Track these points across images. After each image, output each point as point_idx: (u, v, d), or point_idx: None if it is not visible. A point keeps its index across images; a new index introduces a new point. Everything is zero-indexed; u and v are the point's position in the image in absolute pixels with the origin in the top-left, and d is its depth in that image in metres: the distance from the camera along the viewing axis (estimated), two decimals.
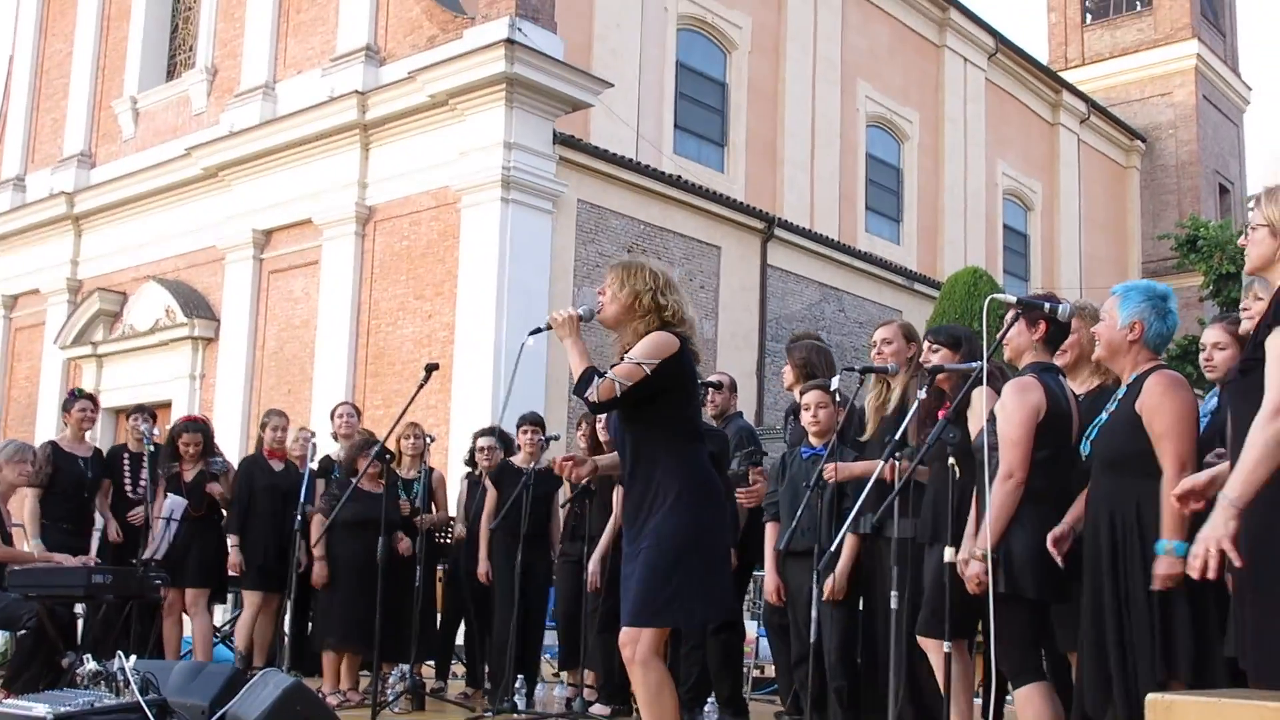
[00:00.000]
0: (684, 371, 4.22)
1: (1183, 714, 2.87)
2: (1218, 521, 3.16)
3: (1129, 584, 3.86)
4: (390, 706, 7.16)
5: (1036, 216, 29.05)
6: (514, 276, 15.77)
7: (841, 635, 5.49)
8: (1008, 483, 4.23)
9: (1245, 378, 3.36)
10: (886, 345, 5.61)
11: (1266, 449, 3.13)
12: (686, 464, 4.22)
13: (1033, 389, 4.33)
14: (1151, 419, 3.91)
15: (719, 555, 4.24)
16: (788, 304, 20.03)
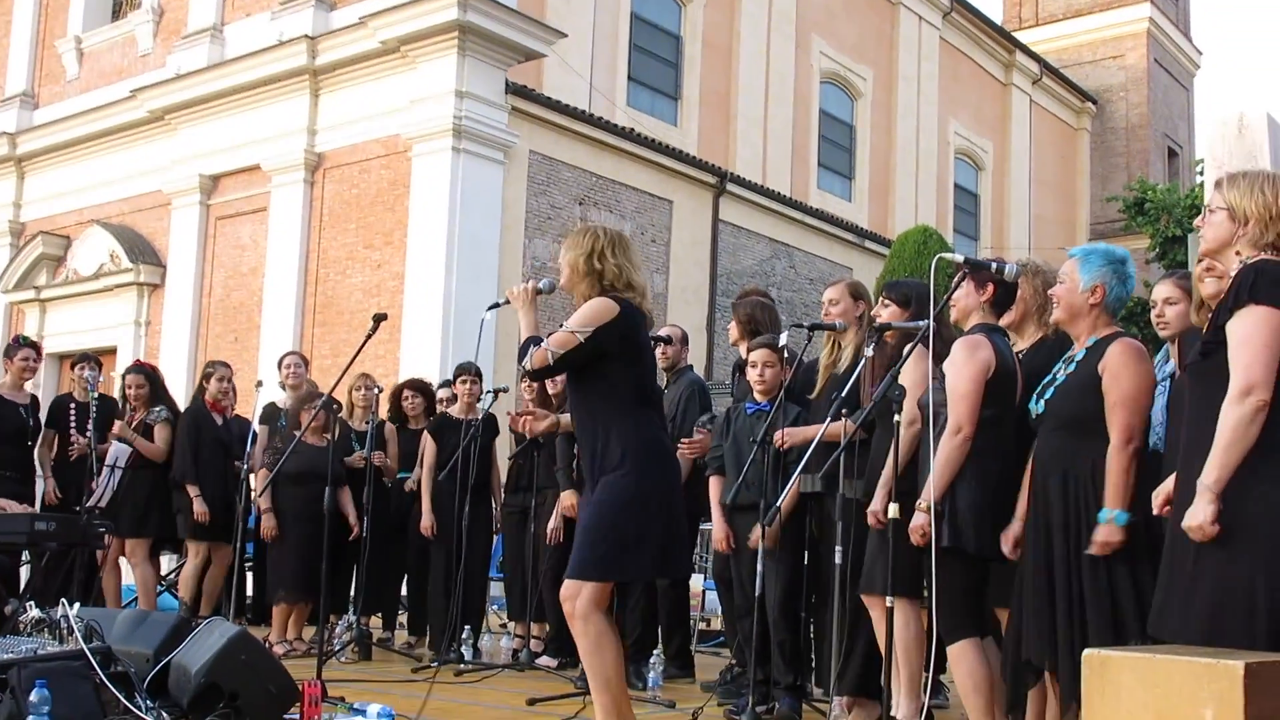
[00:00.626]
0: (626, 336, 4.25)
1: (1117, 669, 2.93)
2: (1199, 508, 3.20)
3: (1081, 543, 3.92)
4: (337, 656, 7.17)
5: (987, 176, 29.20)
6: (464, 227, 15.68)
7: (784, 589, 5.55)
8: (956, 437, 4.29)
9: (1206, 360, 3.39)
10: (833, 306, 5.64)
11: (1236, 432, 3.18)
12: (633, 426, 4.25)
13: (983, 346, 4.39)
14: (1110, 386, 3.97)
15: (670, 514, 4.25)
16: (739, 259, 20.06)
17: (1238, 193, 3.41)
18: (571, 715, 5.36)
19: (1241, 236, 3.40)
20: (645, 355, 4.36)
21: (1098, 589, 3.87)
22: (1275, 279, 3.25)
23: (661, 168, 18.72)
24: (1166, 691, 2.81)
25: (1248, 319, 3.23)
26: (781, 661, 5.51)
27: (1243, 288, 3.25)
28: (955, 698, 6.03)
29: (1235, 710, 2.68)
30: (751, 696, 5.16)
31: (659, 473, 4.26)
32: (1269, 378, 3.19)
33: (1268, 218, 3.35)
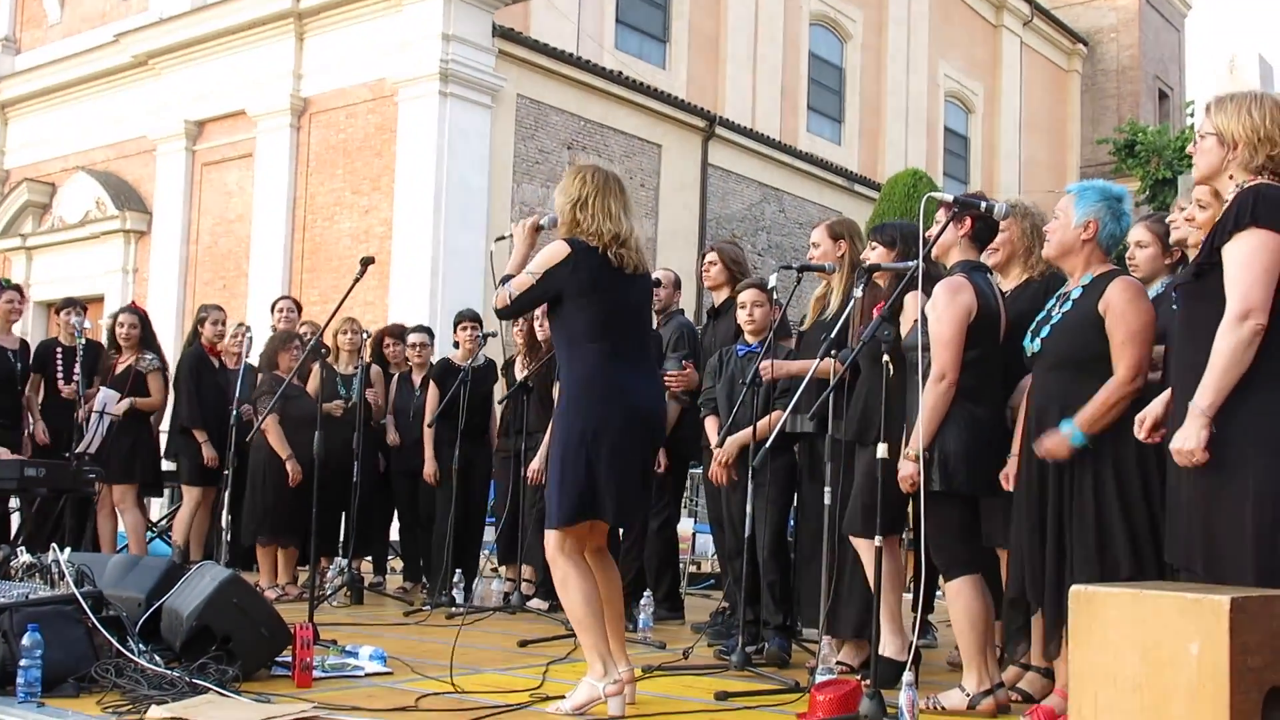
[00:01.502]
0: (575, 278, 4.25)
1: (1104, 605, 2.96)
2: (1189, 433, 3.20)
3: (1075, 483, 3.93)
4: (328, 600, 7.21)
5: (977, 119, 29.06)
6: (452, 172, 15.58)
7: (774, 530, 5.58)
8: (940, 384, 4.29)
9: (1199, 281, 3.39)
10: (815, 249, 5.63)
11: (1233, 356, 3.18)
12: (580, 365, 4.29)
13: (964, 289, 4.37)
14: (1116, 325, 3.95)
15: (618, 456, 4.22)
16: (728, 203, 19.99)
17: (1225, 116, 3.40)
18: (562, 656, 5.39)
19: (1232, 160, 3.38)
20: (602, 295, 4.29)
21: (1084, 526, 3.88)
22: (1275, 202, 3.23)
23: (650, 111, 18.61)
24: (1153, 627, 2.83)
25: (1248, 241, 3.21)
26: (771, 602, 5.54)
27: (1242, 210, 3.24)
28: (943, 637, 6.10)
29: (1220, 644, 2.70)
30: (741, 636, 5.20)
31: (603, 413, 4.23)
32: (1267, 302, 3.18)
33: (1256, 140, 3.33)
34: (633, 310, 4.44)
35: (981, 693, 4.26)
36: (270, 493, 7.56)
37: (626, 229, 4.35)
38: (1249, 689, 2.73)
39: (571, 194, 4.36)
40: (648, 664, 5.12)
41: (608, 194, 4.35)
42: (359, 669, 4.81)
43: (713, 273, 6.67)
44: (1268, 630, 2.80)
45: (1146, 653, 2.82)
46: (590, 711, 4.12)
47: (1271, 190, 3.28)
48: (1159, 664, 2.79)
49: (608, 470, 4.20)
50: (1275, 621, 2.83)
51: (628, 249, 4.33)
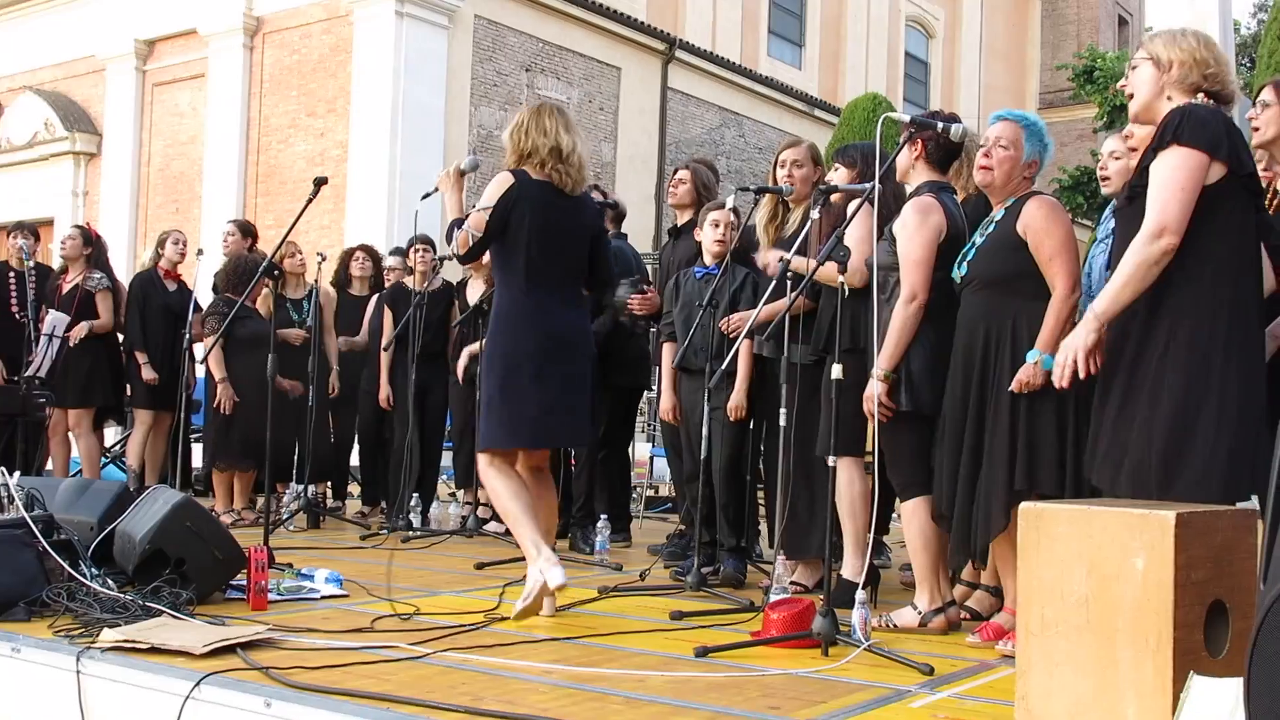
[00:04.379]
0: (519, 206, 4.38)
1: (1053, 522, 2.98)
2: (1080, 333, 3.29)
3: (998, 395, 3.97)
4: (284, 525, 7.19)
5: (938, 44, 28.94)
6: (409, 94, 15.37)
7: (731, 453, 5.59)
8: (911, 305, 4.30)
9: (1131, 204, 3.41)
10: (798, 168, 5.52)
11: (1137, 270, 3.21)
12: (505, 292, 4.48)
13: (934, 210, 4.37)
14: (1040, 241, 3.98)
15: (537, 382, 4.39)
16: (688, 128, 19.85)
17: (1159, 43, 3.44)
18: (519, 578, 5.41)
19: (1169, 81, 3.39)
20: (538, 222, 4.40)
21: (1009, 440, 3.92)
22: (1201, 120, 3.25)
23: (610, 34, 18.39)
24: (1100, 542, 2.86)
25: (1168, 160, 3.24)
26: (726, 524, 5.57)
27: (1168, 129, 3.26)
28: (897, 557, 6.17)
29: (1165, 558, 2.74)
30: (697, 558, 5.23)
31: (506, 341, 4.42)
32: (1182, 219, 3.20)
33: (1191, 60, 3.36)
34: (569, 235, 4.51)
35: (933, 611, 4.32)
36: (224, 418, 7.49)
37: (568, 145, 4.42)
38: (1192, 602, 2.77)
39: (512, 125, 4.54)
40: (604, 585, 5.15)
41: (543, 115, 4.47)
42: (315, 592, 4.80)
43: (680, 192, 6.58)
44: (1211, 545, 2.84)
45: (1093, 568, 2.85)
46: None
47: (1200, 110, 3.30)
48: (1105, 578, 2.83)
49: (528, 396, 4.37)
50: (1218, 536, 2.87)
51: (569, 166, 4.43)
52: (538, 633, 4.14)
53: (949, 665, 3.73)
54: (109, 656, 3.54)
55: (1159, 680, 2.70)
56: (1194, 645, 2.76)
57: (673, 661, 3.72)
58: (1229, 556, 2.89)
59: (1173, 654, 2.69)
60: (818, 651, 3.84)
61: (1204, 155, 3.22)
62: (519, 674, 3.48)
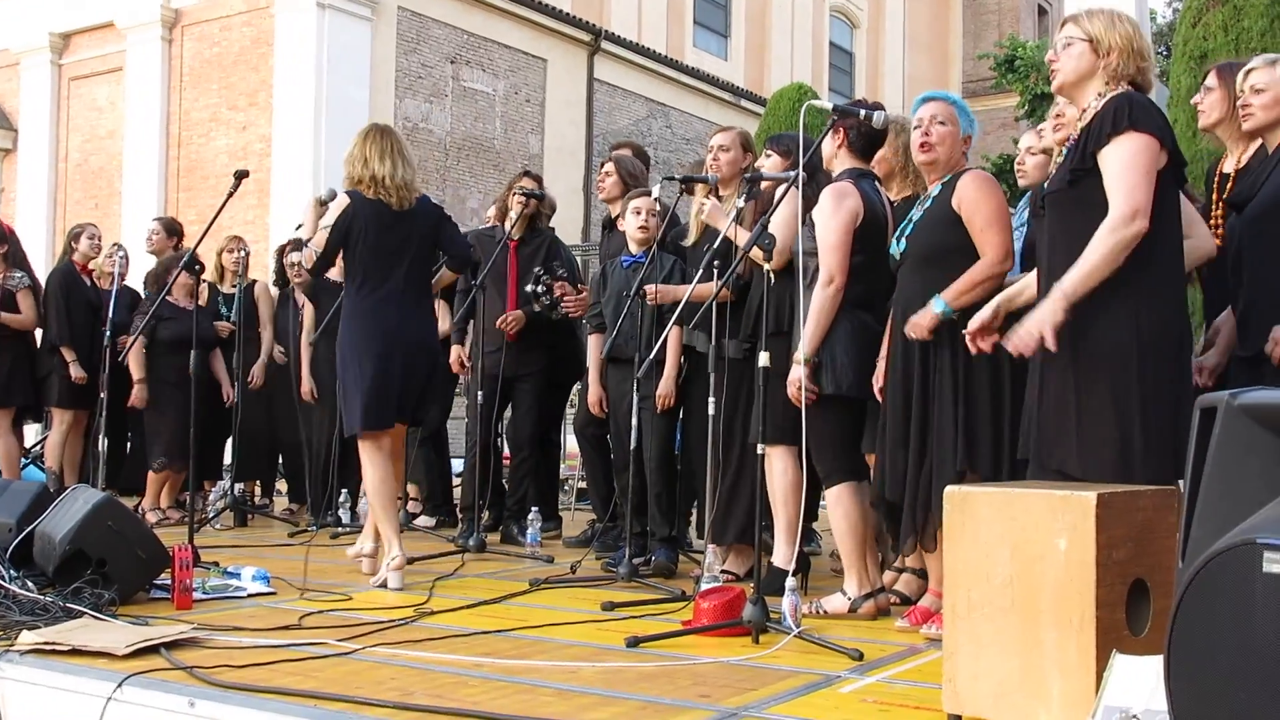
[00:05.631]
0: (355, 223, 4.98)
1: (977, 505, 3.01)
2: (1048, 309, 3.22)
3: (938, 377, 4.00)
4: (211, 524, 7.08)
5: (862, 35, 29.17)
6: (332, 86, 15.20)
7: (662, 442, 5.59)
8: (828, 288, 4.32)
9: (1073, 189, 3.39)
10: (724, 153, 5.53)
11: (1110, 252, 3.19)
12: (350, 298, 5.10)
13: (849, 194, 4.40)
14: (973, 212, 4.01)
15: (358, 373, 4.99)
16: (614, 119, 19.83)
17: (1100, 24, 3.41)
18: (449, 572, 5.38)
19: (1102, 67, 3.40)
20: (373, 237, 4.99)
21: (951, 421, 3.94)
22: (1147, 108, 3.28)
23: (535, 25, 18.31)
24: (1024, 524, 2.89)
25: (1127, 145, 3.23)
26: (658, 514, 5.57)
27: (1119, 114, 3.25)
28: (827, 544, 6.21)
29: (1087, 539, 2.77)
30: (628, 548, 5.22)
31: (355, 336, 5.03)
32: (1149, 204, 3.20)
33: (1129, 49, 3.37)
34: (406, 245, 5.09)
35: (862, 596, 4.35)
36: (164, 418, 7.36)
37: (385, 171, 4.99)
38: (1114, 581, 2.81)
39: (346, 154, 5.13)
40: (535, 577, 5.13)
41: (366, 144, 5.06)
42: (241, 590, 4.74)
43: (607, 184, 6.54)
44: (1132, 524, 2.88)
45: (1017, 549, 2.88)
46: None
47: (1142, 98, 3.33)
48: (1029, 560, 2.86)
49: (372, 385, 4.96)
50: (1139, 515, 2.91)
51: (387, 188, 4.99)
52: (468, 626, 4.11)
53: (878, 650, 3.76)
54: (28, 659, 3.47)
55: (1082, 659, 2.74)
56: (1116, 624, 2.79)
57: (604, 652, 3.72)
58: (1150, 536, 2.93)
59: (1095, 633, 2.73)
60: (749, 639, 3.85)
61: (1157, 141, 3.25)
62: (449, 668, 3.45)
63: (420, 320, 5.22)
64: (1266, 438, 2.33)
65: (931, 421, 3.99)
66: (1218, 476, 2.40)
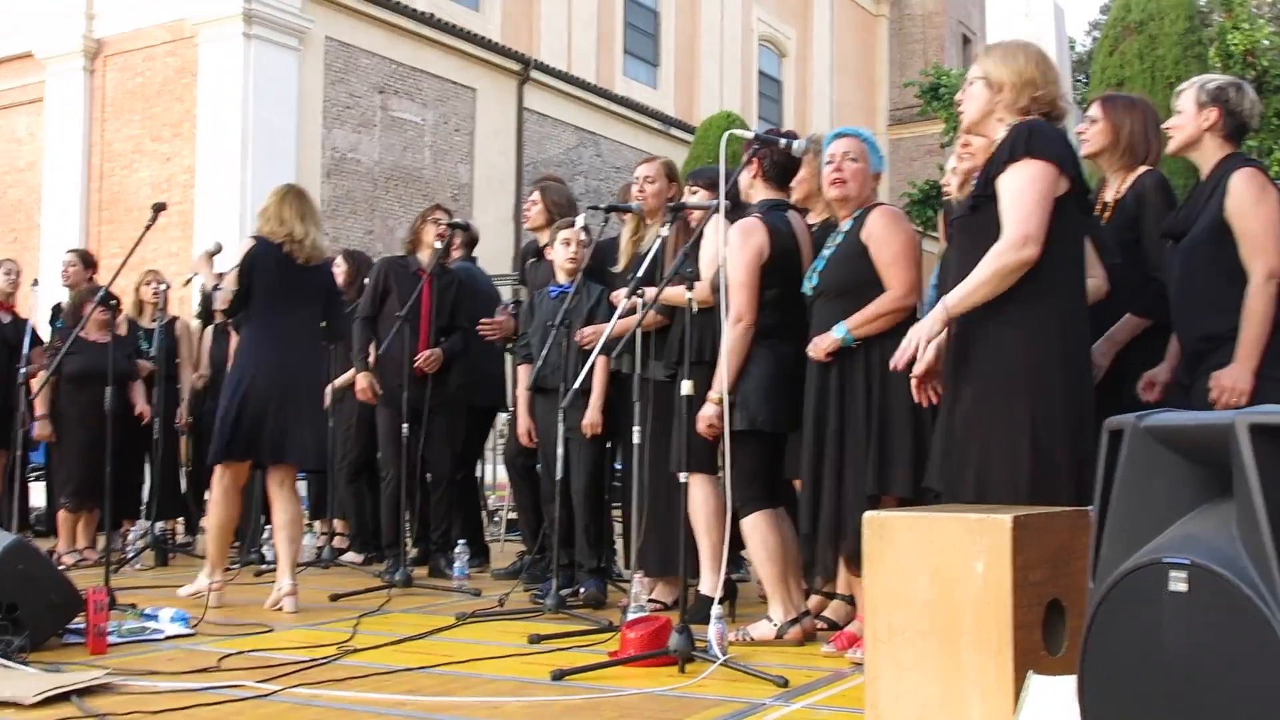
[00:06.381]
0: (259, 267, 5.37)
1: (895, 530, 3.02)
2: (928, 322, 3.32)
3: (852, 405, 4.02)
4: (130, 564, 6.93)
5: (790, 63, 29.45)
6: (259, 117, 15.05)
7: (589, 472, 5.57)
8: (738, 326, 4.33)
9: (975, 214, 3.44)
10: (649, 184, 5.57)
11: (995, 275, 3.25)
12: (245, 334, 5.48)
13: (755, 231, 4.41)
14: (881, 247, 4.07)
15: (235, 406, 5.27)
16: (545, 148, 19.82)
17: (992, 61, 3.50)
18: (374, 609, 5.31)
19: (999, 102, 3.47)
20: (273, 281, 5.37)
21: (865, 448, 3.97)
22: (1047, 135, 3.33)
23: (464, 55, 18.28)
24: (942, 548, 2.91)
25: (1023, 172, 3.29)
26: (586, 545, 5.54)
27: (1017, 142, 3.31)
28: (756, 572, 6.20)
29: (1003, 561, 2.79)
30: (555, 580, 5.19)
31: (242, 369, 5.35)
32: (1042, 231, 3.25)
33: (1020, 83, 3.44)
34: (300, 294, 5.44)
35: (788, 622, 4.35)
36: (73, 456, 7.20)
37: (300, 233, 5.40)
38: (1030, 603, 2.83)
39: (262, 209, 5.58)
40: (461, 612, 5.07)
41: (284, 203, 5.49)
42: (159, 632, 4.63)
43: (533, 214, 6.54)
44: (1048, 546, 2.91)
45: (935, 573, 2.89)
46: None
47: (1044, 125, 3.38)
48: (947, 583, 2.87)
49: (244, 418, 5.24)
50: (1055, 537, 2.94)
51: (299, 245, 5.39)
52: (392, 664, 4.05)
53: (804, 676, 3.75)
54: None
55: (1001, 681, 2.75)
56: (1033, 645, 2.81)
57: (529, 686, 3.67)
58: (1066, 557, 2.96)
59: (1013, 654, 2.74)
60: (675, 669, 3.83)
61: (1054, 168, 3.30)
62: (371, 707, 3.39)
63: (308, 364, 5.55)
64: (1172, 459, 2.36)
65: (847, 447, 4.02)
66: (1125, 497, 2.42)
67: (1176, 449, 2.36)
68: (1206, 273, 3.71)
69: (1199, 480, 2.34)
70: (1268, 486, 2.12)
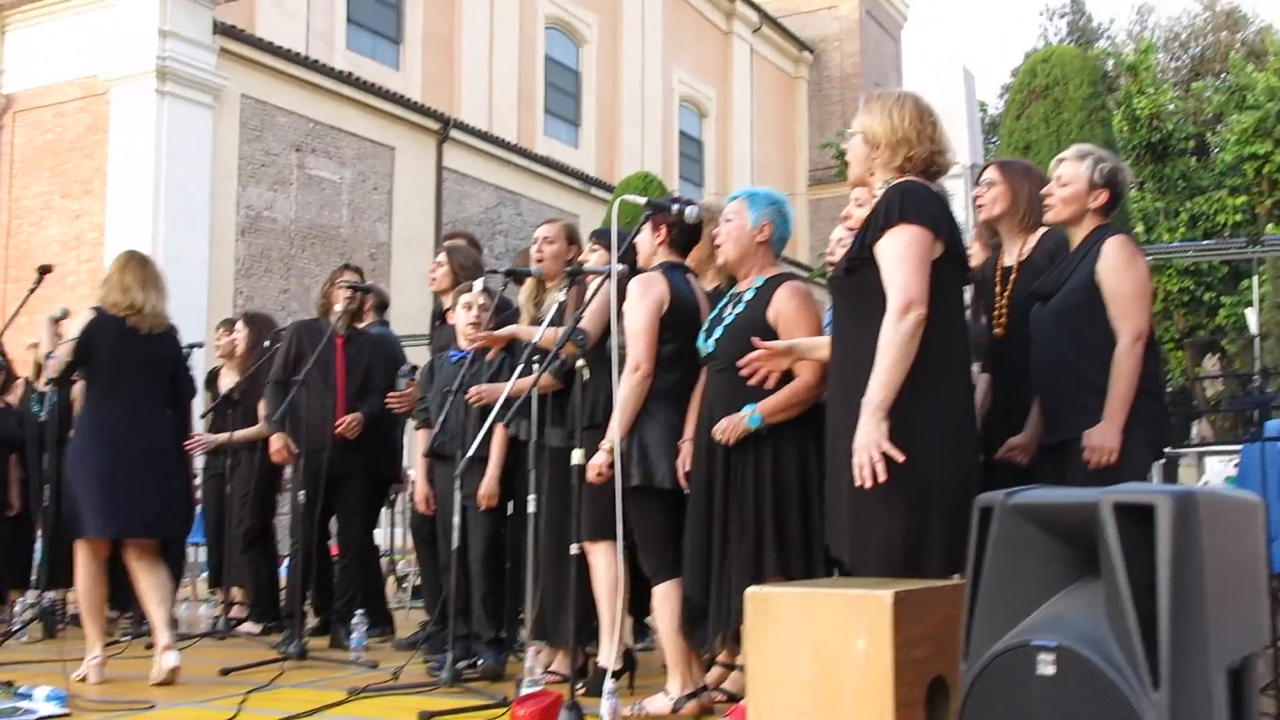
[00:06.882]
0: (97, 338, 5.27)
1: (777, 606, 2.96)
2: (869, 427, 3.17)
3: (741, 479, 3.96)
4: (16, 637, 6.68)
5: (711, 123, 29.74)
6: (171, 174, 14.85)
7: (487, 540, 5.46)
8: (635, 374, 4.27)
9: (851, 276, 3.42)
10: (548, 245, 5.52)
11: (900, 348, 3.20)
12: (85, 406, 5.40)
13: (656, 282, 4.37)
14: (791, 329, 3.99)
15: (79, 479, 5.24)
16: (464, 207, 19.77)
17: (870, 117, 3.48)
18: (265, 683, 5.14)
19: (875, 160, 3.46)
20: (112, 352, 5.28)
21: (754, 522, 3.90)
22: (921, 198, 3.32)
23: (383, 113, 18.22)
24: (823, 625, 2.86)
25: (899, 237, 3.27)
26: (484, 615, 5.42)
27: (891, 207, 3.30)
28: None
29: (884, 638, 2.74)
30: (452, 652, 5.06)
31: (81, 442, 5.30)
32: (925, 292, 3.23)
33: (894, 140, 3.42)
34: (143, 364, 5.36)
35: (685, 696, 4.26)
36: None
37: (140, 301, 5.32)
38: (912, 681, 2.78)
39: (105, 278, 5.48)
40: (354, 686, 4.93)
41: (125, 271, 5.40)
42: (31, 712, 4.43)
43: (439, 275, 6.48)
44: (930, 622, 2.87)
45: (817, 651, 2.84)
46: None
47: (916, 186, 3.36)
48: (829, 661, 2.82)
49: (98, 492, 5.17)
50: (937, 613, 2.90)
51: (141, 315, 5.32)
52: None
53: None
54: None
55: None
56: None
57: None
58: (948, 632, 2.91)
59: None
60: None
61: (929, 232, 3.29)
62: None
63: (151, 434, 5.42)
64: (1041, 537, 2.35)
65: (733, 519, 3.95)
66: (996, 575, 2.40)
67: (1044, 527, 2.34)
68: (1077, 333, 3.74)
69: (1068, 559, 2.33)
70: (1131, 567, 2.11)
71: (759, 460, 3.93)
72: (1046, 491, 2.40)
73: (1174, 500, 2.13)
